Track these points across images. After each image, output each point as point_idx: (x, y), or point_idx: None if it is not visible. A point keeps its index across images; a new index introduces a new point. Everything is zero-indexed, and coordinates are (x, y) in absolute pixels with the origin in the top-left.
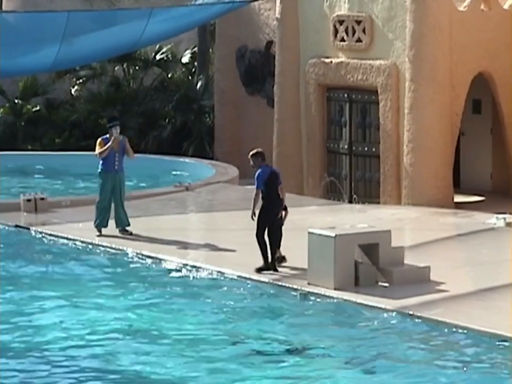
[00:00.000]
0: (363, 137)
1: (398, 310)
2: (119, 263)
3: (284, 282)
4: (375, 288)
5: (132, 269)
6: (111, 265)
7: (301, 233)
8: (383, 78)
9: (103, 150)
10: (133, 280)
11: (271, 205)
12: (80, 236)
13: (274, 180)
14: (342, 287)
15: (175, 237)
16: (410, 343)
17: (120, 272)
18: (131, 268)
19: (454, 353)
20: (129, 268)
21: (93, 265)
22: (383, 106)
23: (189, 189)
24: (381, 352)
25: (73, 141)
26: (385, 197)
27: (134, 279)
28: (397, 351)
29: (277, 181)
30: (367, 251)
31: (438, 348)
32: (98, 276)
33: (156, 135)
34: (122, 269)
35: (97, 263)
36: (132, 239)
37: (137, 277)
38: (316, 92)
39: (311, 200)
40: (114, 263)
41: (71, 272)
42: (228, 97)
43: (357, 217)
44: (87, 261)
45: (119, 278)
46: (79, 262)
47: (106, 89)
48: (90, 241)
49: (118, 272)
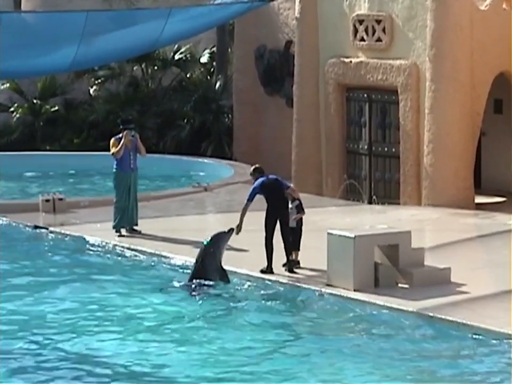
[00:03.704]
0: (383, 138)
1: (418, 312)
2: (139, 264)
3: (303, 284)
4: (395, 290)
5: (151, 267)
6: (132, 266)
7: (320, 234)
8: (403, 78)
9: (118, 149)
10: (151, 282)
11: (272, 210)
12: (99, 236)
13: (271, 186)
14: (361, 289)
15: (194, 238)
16: (431, 345)
17: (141, 270)
18: (151, 266)
19: (477, 356)
20: (149, 266)
21: (112, 267)
22: (403, 106)
23: (207, 190)
24: (400, 354)
25: (91, 141)
26: (405, 197)
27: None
28: (417, 353)
29: (277, 185)
30: (387, 252)
31: (459, 351)
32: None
33: (174, 135)
34: (142, 267)
35: (116, 265)
36: (150, 239)
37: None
38: (335, 91)
39: (330, 201)
40: (135, 264)
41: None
42: (246, 97)
43: (376, 218)
44: (106, 262)
45: (135, 279)
46: (98, 262)
47: (124, 90)
48: (109, 241)
49: (139, 271)
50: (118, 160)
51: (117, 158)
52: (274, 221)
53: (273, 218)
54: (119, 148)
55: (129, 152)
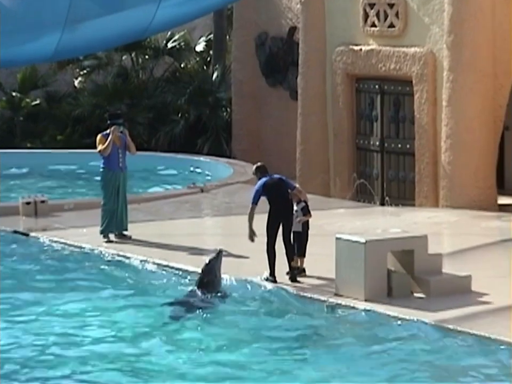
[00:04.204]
0: (396, 133)
1: (436, 324)
2: (130, 272)
3: (309, 293)
4: (410, 300)
5: (143, 276)
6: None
7: (327, 238)
8: (418, 67)
9: (105, 146)
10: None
11: (276, 212)
12: (85, 242)
13: (275, 186)
14: (373, 298)
15: (189, 243)
16: (450, 361)
17: (131, 282)
18: (142, 276)
19: (498, 371)
20: (140, 276)
21: (100, 275)
22: (418, 98)
23: (204, 191)
24: (417, 370)
25: (76, 137)
26: (421, 198)
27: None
28: (435, 368)
29: (281, 186)
30: (401, 258)
31: (481, 367)
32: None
33: (168, 131)
34: (134, 279)
35: (104, 273)
36: (141, 245)
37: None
38: (343, 82)
39: (338, 202)
40: (124, 272)
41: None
42: (246, 89)
43: (389, 221)
44: (92, 270)
45: (131, 288)
46: (84, 271)
47: (112, 81)
48: (97, 248)
49: (130, 283)
50: (106, 158)
51: (104, 156)
52: (278, 224)
53: (276, 221)
54: (107, 145)
55: (118, 150)
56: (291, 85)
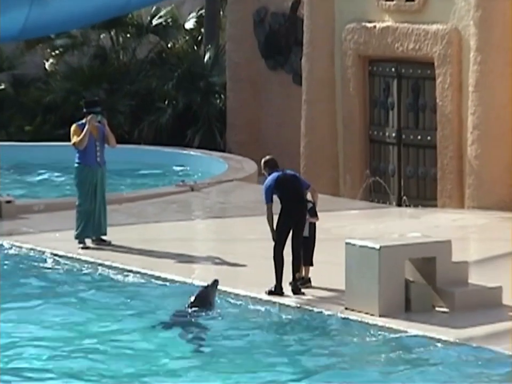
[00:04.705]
0: (415, 123)
1: (461, 343)
2: (109, 283)
3: (316, 307)
4: (431, 315)
5: (124, 288)
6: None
7: (336, 244)
8: (440, 47)
9: (81, 138)
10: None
11: (288, 214)
12: (58, 248)
13: (288, 183)
14: (389, 313)
15: (178, 250)
16: None
17: (110, 293)
18: (123, 288)
19: None
20: (122, 288)
21: (75, 286)
22: (440, 83)
23: (194, 189)
24: None
25: (48, 128)
26: (444, 198)
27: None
28: None
29: (295, 183)
30: (421, 267)
31: None
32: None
33: (153, 121)
34: (114, 291)
35: (80, 285)
36: (122, 252)
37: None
38: (355, 65)
39: (349, 203)
40: (103, 283)
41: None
42: (243, 73)
43: (407, 224)
44: (65, 280)
45: (110, 301)
46: (56, 282)
47: (89, 63)
48: (71, 255)
49: (108, 294)
50: (81, 152)
51: (80, 149)
52: (289, 228)
53: (287, 225)
54: (83, 137)
55: (95, 142)
56: (294, 68)
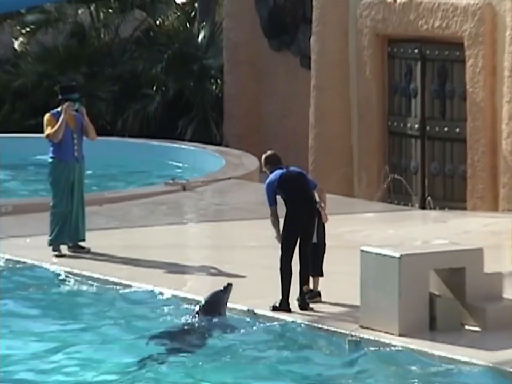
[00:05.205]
0: (441, 113)
1: (495, 367)
2: (88, 297)
3: (326, 325)
4: (460, 334)
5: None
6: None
7: (350, 252)
8: (471, 25)
9: (55, 129)
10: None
11: (295, 218)
12: (28, 256)
13: (294, 182)
14: (410, 333)
15: (167, 258)
16: None
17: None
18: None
19: None
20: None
21: (47, 300)
22: (471, 67)
23: (186, 188)
24: None
25: (17, 117)
26: (475, 199)
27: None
28: None
29: (302, 182)
30: (448, 279)
31: None
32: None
33: (139, 110)
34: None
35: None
36: (102, 261)
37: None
38: (372, 45)
39: (364, 205)
40: (80, 297)
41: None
42: (243, 55)
43: (432, 229)
44: (37, 294)
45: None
46: (26, 296)
47: (65, 43)
48: (44, 264)
49: (87, 309)
50: (56, 145)
51: (55, 142)
52: (297, 234)
53: (295, 230)
54: (58, 128)
55: (72, 134)
56: (302, 49)
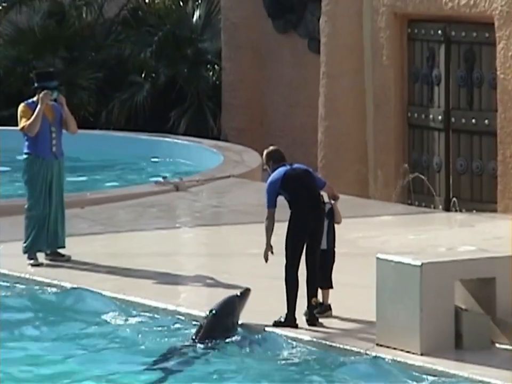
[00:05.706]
0: (468, 103)
1: None
2: (68, 311)
3: (338, 343)
4: (489, 353)
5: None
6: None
7: (364, 260)
8: (503, 2)
9: (31, 120)
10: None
11: (301, 221)
12: (0, 265)
13: (299, 181)
14: (434, 352)
15: (158, 268)
16: None
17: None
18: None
19: None
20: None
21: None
22: (502, 50)
23: (180, 188)
24: None
25: None
26: (506, 200)
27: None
28: None
29: (308, 180)
30: (476, 291)
31: None
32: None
33: (125, 100)
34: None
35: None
36: (85, 270)
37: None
38: (389, 26)
39: (381, 206)
40: (60, 310)
41: None
42: (243, 37)
43: (458, 234)
44: (11, 307)
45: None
46: None
47: (42, 24)
48: (19, 274)
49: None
50: (32, 139)
51: (30, 135)
52: (303, 240)
53: (301, 235)
54: (34, 120)
55: (50, 127)
56: (310, 31)
